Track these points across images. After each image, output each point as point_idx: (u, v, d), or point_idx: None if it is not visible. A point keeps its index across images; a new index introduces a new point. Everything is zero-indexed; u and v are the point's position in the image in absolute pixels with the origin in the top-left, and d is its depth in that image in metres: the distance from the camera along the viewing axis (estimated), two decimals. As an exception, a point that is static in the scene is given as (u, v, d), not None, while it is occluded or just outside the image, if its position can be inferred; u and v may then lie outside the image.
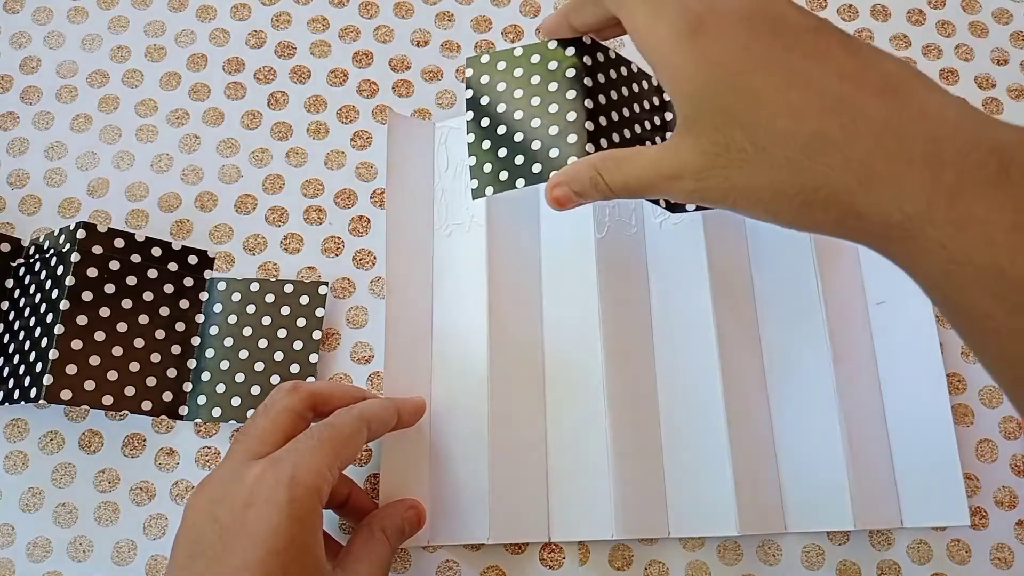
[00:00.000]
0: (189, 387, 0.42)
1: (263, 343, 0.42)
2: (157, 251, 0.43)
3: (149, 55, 0.49)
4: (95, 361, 0.40)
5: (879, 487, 0.41)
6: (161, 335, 0.42)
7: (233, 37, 0.49)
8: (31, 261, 0.43)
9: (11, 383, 0.40)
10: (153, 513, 0.41)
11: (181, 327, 0.42)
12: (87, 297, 0.40)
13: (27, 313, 0.41)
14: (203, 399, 0.42)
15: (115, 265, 0.41)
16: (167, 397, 0.41)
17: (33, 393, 0.39)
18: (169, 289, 0.43)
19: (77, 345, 0.39)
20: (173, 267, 0.43)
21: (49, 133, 0.47)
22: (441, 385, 0.41)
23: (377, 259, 0.45)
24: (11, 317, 0.42)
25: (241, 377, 0.42)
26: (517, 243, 0.41)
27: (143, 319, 0.41)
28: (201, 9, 0.50)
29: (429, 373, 0.42)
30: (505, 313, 0.41)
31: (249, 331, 0.43)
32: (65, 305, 0.40)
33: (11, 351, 0.41)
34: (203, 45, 0.49)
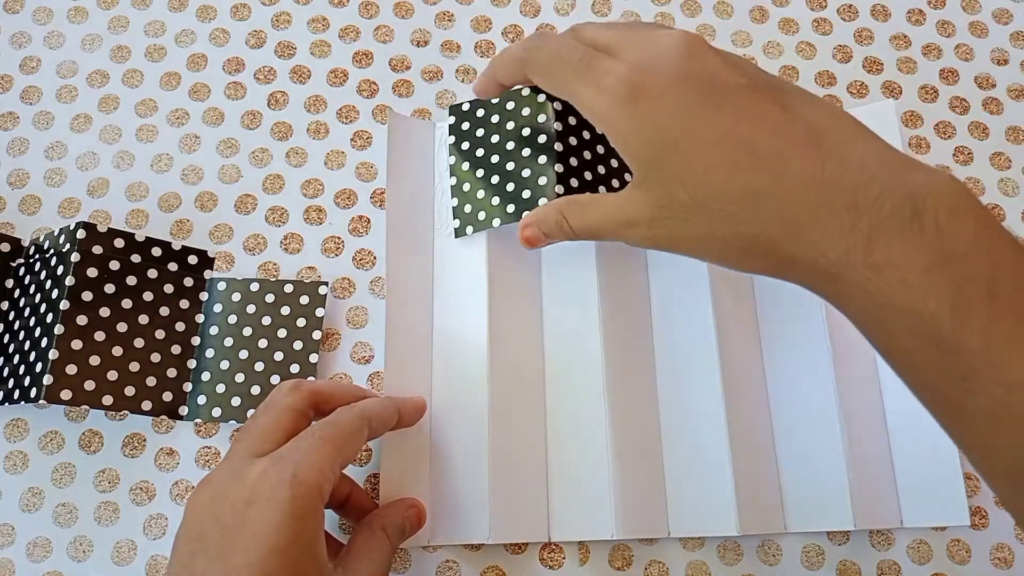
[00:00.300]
0: (189, 387, 0.42)
1: (263, 343, 0.42)
2: (157, 251, 0.43)
3: (149, 55, 0.49)
4: (95, 361, 0.40)
5: (879, 487, 0.41)
6: (161, 335, 0.42)
7: (233, 37, 0.49)
8: (31, 261, 0.43)
9: (11, 383, 0.40)
10: (153, 513, 0.41)
11: (181, 327, 0.42)
12: (87, 297, 0.40)
13: (27, 313, 0.41)
14: (203, 399, 0.42)
15: (115, 265, 0.41)
16: (167, 397, 0.41)
17: (33, 393, 0.39)
18: (169, 289, 0.42)
19: (77, 345, 0.39)
20: (173, 267, 0.43)
21: (49, 133, 0.47)
22: (441, 385, 0.41)
23: (377, 259, 0.45)
24: (11, 317, 0.42)
25: (241, 377, 0.42)
26: (517, 243, 0.41)
27: (143, 319, 0.41)
28: (201, 9, 0.50)
29: (429, 373, 0.42)
30: (505, 313, 0.41)
31: (249, 331, 0.43)
32: (65, 305, 0.40)
33: (11, 351, 0.41)
34: (203, 45, 0.49)
